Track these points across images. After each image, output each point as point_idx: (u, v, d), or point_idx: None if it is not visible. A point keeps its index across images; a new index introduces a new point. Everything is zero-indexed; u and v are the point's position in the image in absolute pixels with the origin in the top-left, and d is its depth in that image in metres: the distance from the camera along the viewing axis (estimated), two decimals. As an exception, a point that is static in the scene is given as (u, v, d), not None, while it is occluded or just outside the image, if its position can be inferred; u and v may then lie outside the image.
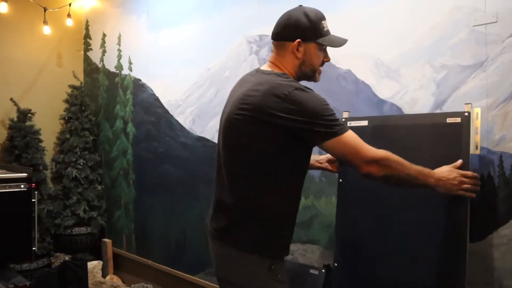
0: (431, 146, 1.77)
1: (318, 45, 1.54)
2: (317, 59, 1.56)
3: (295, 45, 1.51)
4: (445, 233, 1.69)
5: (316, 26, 1.52)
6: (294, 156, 1.48)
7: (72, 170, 3.79)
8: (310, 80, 1.62)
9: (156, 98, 3.46)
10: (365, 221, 1.91)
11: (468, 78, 1.83)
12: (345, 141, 1.42)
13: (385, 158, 1.44)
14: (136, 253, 3.70)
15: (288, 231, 1.59)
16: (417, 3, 1.98)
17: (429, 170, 1.52)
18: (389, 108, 2.06)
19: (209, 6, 3.01)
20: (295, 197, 1.56)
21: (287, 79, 1.47)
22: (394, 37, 2.05)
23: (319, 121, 1.40)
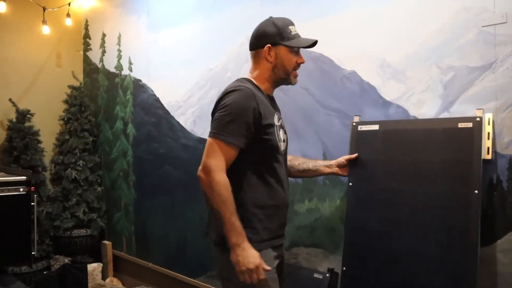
0: (443, 151, 1.76)
1: (288, 48, 1.68)
2: (288, 61, 1.69)
3: (265, 50, 1.67)
4: (456, 238, 1.68)
5: (283, 31, 1.67)
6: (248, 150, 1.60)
7: (71, 171, 3.75)
8: (286, 83, 1.75)
9: (157, 98, 3.42)
10: (375, 225, 1.90)
11: (476, 80, 1.80)
12: (210, 143, 1.57)
13: (215, 182, 1.53)
14: (136, 255, 3.66)
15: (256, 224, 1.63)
16: (424, 4, 1.94)
17: (243, 231, 1.54)
18: (395, 110, 2.03)
19: (210, 5, 2.98)
20: (258, 190, 1.64)
21: (239, 81, 1.67)
22: (400, 38, 2.01)
23: (216, 115, 1.60)
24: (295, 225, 2.42)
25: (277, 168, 1.69)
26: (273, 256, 1.68)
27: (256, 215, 1.64)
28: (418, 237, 1.77)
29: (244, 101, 1.58)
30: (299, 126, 2.38)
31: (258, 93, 1.65)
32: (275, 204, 1.68)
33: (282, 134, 1.75)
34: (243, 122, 1.57)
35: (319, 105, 2.30)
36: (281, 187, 1.70)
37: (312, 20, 2.34)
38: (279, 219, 1.72)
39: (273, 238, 1.69)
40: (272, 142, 1.65)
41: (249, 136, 1.59)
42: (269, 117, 1.65)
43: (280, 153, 1.71)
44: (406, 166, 1.85)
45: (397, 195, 1.86)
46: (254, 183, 1.65)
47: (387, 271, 1.83)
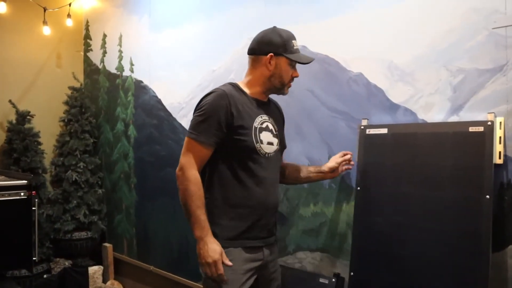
0: (453, 155, 1.74)
1: (288, 60, 1.74)
2: (286, 73, 1.76)
3: (267, 58, 1.73)
4: (467, 243, 1.65)
5: (287, 44, 1.74)
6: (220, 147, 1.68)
7: (72, 173, 3.71)
8: (278, 92, 1.82)
9: (158, 100, 3.38)
10: (383, 229, 1.87)
11: (487, 83, 1.76)
12: (185, 141, 1.68)
13: (185, 177, 1.63)
14: (137, 258, 3.63)
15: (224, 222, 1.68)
16: (432, 5, 1.91)
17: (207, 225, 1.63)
18: (402, 113, 2.00)
19: (213, 6, 2.94)
20: (231, 189, 1.69)
21: (224, 85, 1.74)
22: (408, 39, 1.98)
23: (193, 117, 1.69)
24: (300, 229, 2.38)
25: (255, 169, 1.70)
26: (245, 257, 1.68)
27: (225, 212, 1.69)
28: (428, 243, 1.74)
29: (216, 102, 1.66)
30: (304, 128, 2.35)
31: (236, 95, 1.71)
32: (248, 205, 1.70)
33: (268, 137, 1.76)
34: (214, 122, 1.64)
35: (324, 107, 2.27)
36: (260, 188, 1.71)
37: (317, 21, 2.31)
38: (255, 220, 1.71)
39: (245, 238, 1.70)
40: (246, 143, 1.68)
41: (220, 135, 1.66)
42: (246, 119, 1.69)
43: (260, 155, 1.71)
44: (415, 171, 1.83)
45: (406, 200, 1.83)
46: (227, 182, 1.70)
47: (396, 277, 1.80)
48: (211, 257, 1.60)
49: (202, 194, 1.65)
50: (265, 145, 1.73)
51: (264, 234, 1.76)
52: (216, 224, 1.69)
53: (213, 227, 1.67)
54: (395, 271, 1.81)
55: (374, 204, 1.92)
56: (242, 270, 1.67)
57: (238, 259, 1.67)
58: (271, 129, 1.79)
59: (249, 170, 1.70)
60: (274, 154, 1.78)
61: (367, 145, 2.01)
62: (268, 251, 1.78)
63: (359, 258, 1.95)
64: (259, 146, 1.71)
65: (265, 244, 1.76)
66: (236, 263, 1.66)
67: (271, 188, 1.76)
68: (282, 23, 2.44)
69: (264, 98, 1.83)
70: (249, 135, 1.69)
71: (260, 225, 1.73)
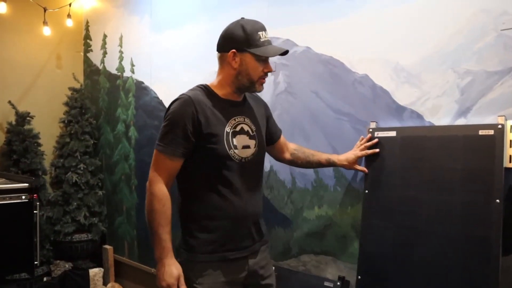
0: (463, 159, 1.72)
1: (255, 56, 1.59)
2: (254, 70, 1.61)
3: (230, 56, 1.60)
4: (477, 248, 1.63)
5: (251, 37, 1.58)
6: (192, 156, 1.61)
7: (72, 175, 3.68)
8: (250, 90, 1.69)
9: (160, 101, 3.35)
10: (392, 233, 1.85)
11: (495, 85, 1.74)
12: (154, 154, 1.61)
13: (150, 192, 1.57)
14: (138, 260, 3.60)
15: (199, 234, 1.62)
16: (439, 5, 1.88)
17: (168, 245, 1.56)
18: (409, 115, 1.97)
19: (215, 6, 2.91)
20: (205, 200, 1.61)
21: (190, 89, 1.66)
22: (415, 41, 1.95)
23: (161, 127, 1.62)
24: (304, 231, 2.36)
25: (231, 177, 1.61)
26: (225, 271, 1.62)
27: (202, 225, 1.61)
28: (437, 247, 1.72)
29: (181, 110, 1.57)
30: (308, 130, 2.32)
31: (204, 100, 1.61)
32: (226, 215, 1.62)
33: (243, 140, 1.66)
34: (180, 131, 1.56)
35: (329, 109, 2.25)
36: (237, 197, 1.63)
37: (321, 22, 2.28)
38: (235, 231, 1.64)
39: (225, 251, 1.62)
40: (218, 151, 1.59)
41: (188, 145, 1.58)
42: (215, 125, 1.60)
43: (236, 161, 1.62)
44: (424, 174, 1.80)
45: (415, 204, 1.81)
46: (203, 193, 1.61)
47: (404, 281, 1.78)
48: (166, 281, 1.53)
49: (167, 210, 1.56)
50: (240, 150, 1.63)
51: (246, 243, 1.68)
52: (194, 238, 1.62)
53: (191, 240, 1.62)
54: (404, 276, 1.79)
55: (383, 207, 1.90)
56: (221, 283, 1.61)
57: (217, 274, 1.61)
58: (246, 130, 1.68)
59: (225, 179, 1.60)
60: (252, 157, 1.67)
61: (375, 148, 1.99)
62: (255, 258, 1.71)
63: (367, 262, 1.93)
64: (232, 152, 1.61)
65: (249, 253, 1.68)
66: (216, 277, 1.60)
67: (250, 195, 1.67)
68: (285, 24, 2.45)
69: (238, 98, 1.72)
70: (220, 142, 1.59)
71: (240, 235, 1.66)
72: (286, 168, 2.40)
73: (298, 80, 2.38)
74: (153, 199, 1.56)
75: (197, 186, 1.63)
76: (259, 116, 1.79)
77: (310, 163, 1.96)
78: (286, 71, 2.44)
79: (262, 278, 1.76)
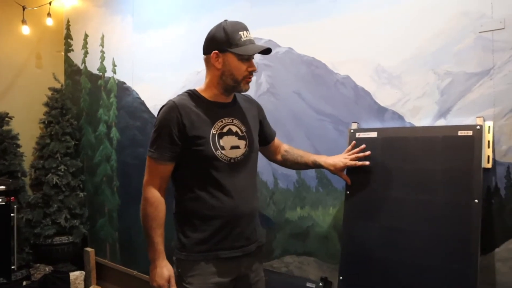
0: (443, 159, 1.73)
1: (237, 55, 1.62)
2: (237, 69, 1.64)
3: (213, 57, 1.64)
4: (456, 247, 1.65)
5: (231, 37, 1.61)
6: (182, 159, 1.65)
7: (52, 176, 3.62)
8: (236, 90, 1.71)
9: (142, 102, 3.32)
10: (373, 234, 1.86)
11: (474, 86, 1.76)
12: (147, 159, 1.66)
13: (143, 197, 1.64)
14: (120, 263, 3.55)
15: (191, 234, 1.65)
16: (420, 8, 1.90)
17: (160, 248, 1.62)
18: (390, 116, 1.99)
19: (198, 6, 2.90)
20: (198, 200, 1.64)
21: (179, 95, 1.70)
22: (396, 42, 1.97)
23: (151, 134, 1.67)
24: (286, 233, 2.36)
25: (221, 177, 1.63)
26: (216, 271, 1.64)
27: (195, 225, 1.64)
28: (418, 247, 1.73)
29: (166, 116, 1.62)
30: (291, 130, 2.32)
31: (189, 104, 1.65)
32: (218, 215, 1.63)
33: (232, 141, 1.68)
34: (166, 136, 1.61)
35: (311, 110, 2.25)
36: (229, 197, 1.64)
37: (304, 23, 2.29)
38: (228, 230, 1.65)
39: (218, 250, 1.64)
40: (205, 153, 1.61)
41: (176, 149, 1.62)
42: (201, 127, 1.63)
43: (224, 161, 1.64)
44: (405, 175, 1.81)
45: (396, 204, 1.82)
46: (195, 194, 1.65)
47: (385, 281, 1.79)
48: (156, 282, 1.60)
49: (159, 214, 1.63)
50: (228, 150, 1.65)
51: (241, 243, 1.68)
52: (187, 237, 1.65)
53: (183, 239, 1.65)
54: (385, 276, 1.79)
55: (364, 208, 1.90)
56: (211, 283, 1.62)
57: (209, 272, 1.62)
58: (235, 131, 1.70)
59: (214, 180, 1.63)
60: (243, 157, 1.69)
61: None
62: (248, 260, 1.72)
63: (348, 263, 1.93)
64: (219, 153, 1.63)
65: (243, 253, 1.68)
66: (206, 277, 1.61)
67: (243, 194, 1.68)
68: (268, 25, 2.45)
69: (226, 99, 1.74)
70: (206, 144, 1.61)
71: (234, 235, 1.66)
72: (268, 169, 2.40)
73: (281, 81, 2.38)
74: (146, 203, 1.63)
75: (189, 187, 1.66)
76: (250, 117, 1.80)
77: (298, 164, 1.95)
78: (268, 71, 2.44)
79: (252, 282, 1.76)
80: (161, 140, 1.62)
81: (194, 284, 1.61)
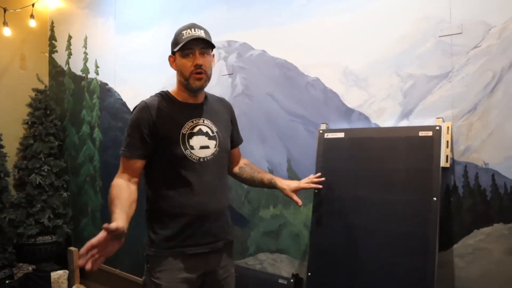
0: (405, 159, 1.81)
1: (181, 53, 1.68)
2: (183, 66, 1.69)
3: (170, 60, 1.75)
4: (416, 244, 1.72)
5: (176, 38, 1.69)
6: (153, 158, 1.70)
7: (35, 176, 3.64)
8: (189, 87, 1.72)
9: (123, 103, 3.37)
10: (340, 232, 1.92)
11: (434, 89, 1.84)
12: (121, 160, 1.72)
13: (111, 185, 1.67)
14: (103, 262, 3.58)
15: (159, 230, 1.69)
16: (385, 13, 1.97)
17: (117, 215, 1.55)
18: (357, 117, 2.05)
19: (178, 9, 2.95)
20: (166, 198, 1.69)
21: (152, 95, 1.76)
22: (362, 46, 2.04)
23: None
24: (260, 230, 2.42)
25: (189, 176, 1.68)
26: (183, 266, 1.67)
27: (163, 222, 1.70)
28: (380, 244, 1.80)
29: (138, 116, 1.68)
30: (264, 131, 2.38)
31: (160, 105, 1.70)
32: (185, 213, 1.68)
33: (201, 141, 1.72)
34: (136, 134, 1.67)
35: (284, 111, 2.31)
36: (196, 195, 1.69)
37: (277, 27, 2.35)
38: (195, 227, 1.69)
39: (185, 246, 1.68)
40: (174, 152, 1.67)
41: (147, 147, 1.68)
42: (171, 127, 1.68)
43: (193, 161, 1.68)
44: (370, 174, 1.88)
45: (361, 203, 1.88)
46: (163, 192, 1.70)
47: (351, 277, 1.85)
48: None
49: (123, 194, 1.61)
50: (197, 150, 1.69)
51: (208, 239, 1.72)
52: (155, 234, 1.70)
53: (152, 236, 1.70)
54: (350, 272, 1.85)
55: (331, 207, 1.96)
56: (179, 279, 1.66)
57: (176, 268, 1.67)
58: (205, 131, 1.74)
59: (183, 178, 1.67)
60: (213, 157, 1.73)
61: (326, 149, 2.05)
62: (216, 256, 1.76)
63: (316, 259, 1.99)
64: (189, 152, 1.67)
65: (210, 250, 1.73)
66: (173, 273, 1.66)
67: (211, 193, 1.72)
68: (243, 28, 2.51)
69: (197, 100, 1.77)
70: (176, 143, 1.67)
71: (201, 232, 1.70)
72: (243, 169, 2.45)
73: (255, 83, 2.44)
74: (111, 188, 1.66)
75: (159, 185, 1.71)
76: (222, 118, 1.85)
77: (254, 179, 1.97)
78: (243, 74, 2.49)
79: (220, 278, 1.80)
80: (131, 138, 1.68)
81: (162, 279, 1.65)
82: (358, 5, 2.05)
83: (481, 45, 1.72)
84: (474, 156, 1.74)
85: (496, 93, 1.69)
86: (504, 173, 1.67)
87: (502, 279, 1.67)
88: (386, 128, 1.94)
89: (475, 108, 1.73)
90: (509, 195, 1.67)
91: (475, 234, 1.74)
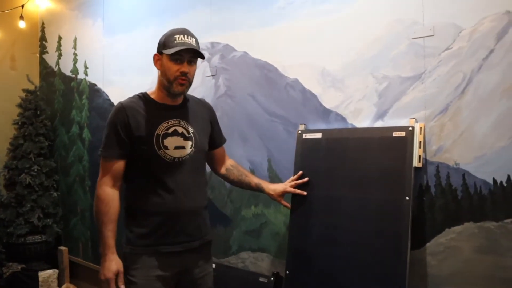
0: (379, 159, 1.84)
1: (169, 56, 1.69)
2: (169, 70, 1.70)
3: (154, 58, 1.76)
4: (388, 243, 1.75)
5: (167, 40, 1.71)
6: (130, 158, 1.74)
7: (25, 176, 3.67)
8: (170, 91, 1.74)
9: (111, 103, 3.39)
10: (317, 230, 1.96)
11: (408, 90, 1.87)
12: (101, 162, 1.76)
13: (95, 195, 1.74)
14: (92, 261, 3.62)
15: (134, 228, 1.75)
16: (361, 15, 2.00)
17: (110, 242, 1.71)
18: (334, 118, 2.08)
19: (163, 11, 2.98)
20: (142, 197, 1.73)
21: (130, 97, 1.80)
22: (339, 47, 2.07)
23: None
24: (242, 230, 2.45)
25: (164, 175, 1.72)
26: (158, 264, 1.71)
27: (139, 220, 1.74)
28: (355, 243, 1.83)
29: (113, 117, 1.73)
30: (245, 132, 2.41)
31: (136, 106, 1.74)
32: (160, 211, 1.72)
33: (176, 141, 1.75)
34: (113, 135, 1.71)
35: (264, 112, 2.34)
36: (171, 194, 1.72)
37: (258, 29, 2.38)
38: (169, 226, 1.73)
39: (160, 244, 1.72)
40: (149, 152, 1.70)
41: (125, 147, 1.71)
42: (146, 128, 1.71)
43: (168, 160, 1.72)
44: (346, 174, 1.91)
45: (338, 202, 1.91)
46: (140, 191, 1.74)
47: (327, 276, 1.88)
48: (104, 275, 1.67)
49: (110, 210, 1.71)
50: (172, 150, 1.72)
51: (182, 238, 1.75)
52: (131, 232, 1.75)
53: (129, 234, 1.75)
54: (327, 271, 1.88)
55: (309, 206, 1.99)
56: (153, 277, 1.70)
57: (151, 266, 1.70)
58: (181, 132, 1.77)
59: (158, 178, 1.72)
60: (188, 157, 1.76)
61: (304, 149, 2.08)
62: (192, 255, 1.78)
63: (294, 258, 2.02)
64: (163, 152, 1.71)
65: (184, 249, 1.75)
66: (148, 270, 1.70)
67: (187, 192, 1.75)
68: (225, 30, 2.54)
69: (175, 102, 1.80)
70: (150, 143, 1.70)
71: (175, 231, 1.74)
72: (226, 169, 2.48)
73: (237, 84, 2.47)
74: (97, 200, 1.71)
75: (136, 185, 1.76)
76: (201, 119, 1.87)
77: (241, 182, 2.01)
78: (226, 75, 2.52)
79: (197, 277, 1.82)
80: (109, 139, 1.72)
81: (136, 277, 1.69)
82: (334, 8, 2.09)
83: (452, 47, 1.76)
84: (446, 156, 1.77)
85: (467, 94, 1.72)
86: (474, 173, 1.71)
87: (471, 277, 1.70)
88: (361, 129, 1.97)
89: (446, 109, 1.76)
90: (479, 195, 1.70)
91: (447, 233, 1.77)
